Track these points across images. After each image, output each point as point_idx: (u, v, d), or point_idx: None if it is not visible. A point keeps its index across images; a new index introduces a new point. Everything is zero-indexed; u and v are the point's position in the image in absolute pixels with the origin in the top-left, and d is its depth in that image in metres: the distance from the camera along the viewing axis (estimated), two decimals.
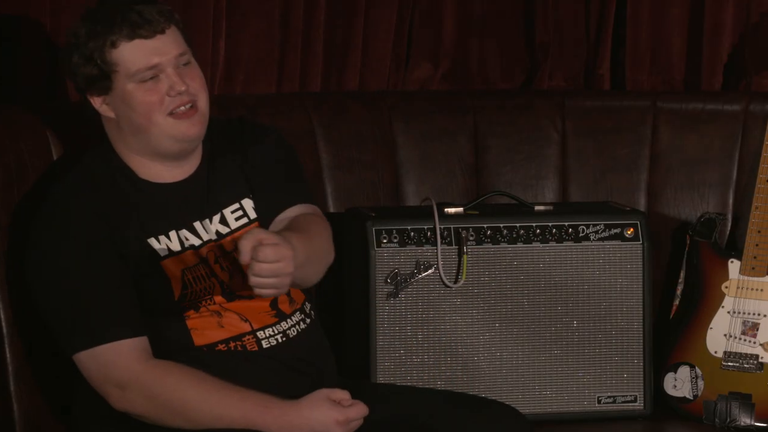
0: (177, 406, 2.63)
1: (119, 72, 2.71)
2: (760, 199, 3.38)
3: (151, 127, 2.73)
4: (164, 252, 2.74)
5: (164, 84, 2.72)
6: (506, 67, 3.93)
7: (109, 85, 2.71)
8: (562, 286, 3.36)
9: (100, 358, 2.64)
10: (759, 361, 3.39)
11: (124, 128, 2.75)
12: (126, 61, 2.70)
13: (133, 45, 2.70)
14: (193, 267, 2.75)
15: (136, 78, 2.71)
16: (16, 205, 2.94)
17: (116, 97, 2.72)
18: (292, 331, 2.81)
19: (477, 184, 3.64)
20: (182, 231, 2.77)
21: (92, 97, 2.74)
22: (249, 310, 2.78)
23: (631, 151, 3.67)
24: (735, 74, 3.80)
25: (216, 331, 2.74)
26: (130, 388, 2.63)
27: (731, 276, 3.41)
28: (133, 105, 2.72)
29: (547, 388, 3.37)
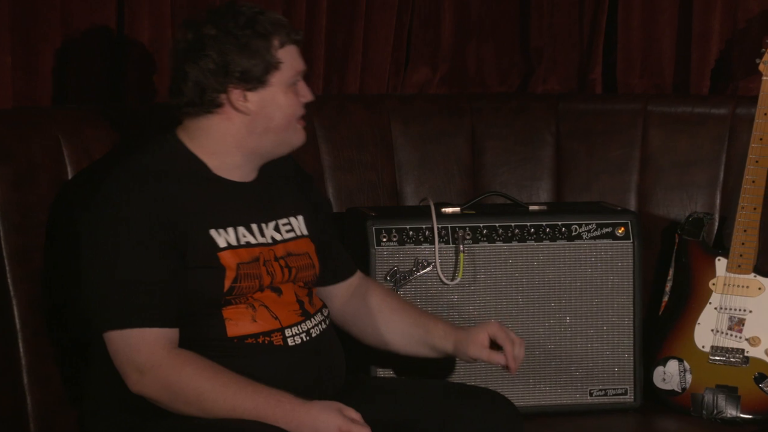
0: (191, 396, 2.64)
1: (280, 71, 2.75)
2: (746, 199, 3.38)
3: (287, 129, 2.81)
4: (223, 244, 2.75)
5: (300, 92, 2.81)
6: (502, 71, 3.93)
7: (264, 81, 2.75)
8: (555, 283, 3.37)
9: (128, 339, 2.65)
10: (744, 355, 3.39)
11: (255, 126, 2.77)
12: (287, 64, 2.77)
13: (293, 49, 2.79)
14: (246, 263, 2.76)
15: (290, 80, 2.78)
16: (37, 204, 2.96)
17: (265, 94, 2.76)
18: (315, 330, 2.84)
19: (474, 185, 3.65)
20: (240, 228, 2.78)
21: (236, 90, 2.74)
22: (279, 308, 2.80)
23: (623, 152, 3.67)
24: (722, 79, 3.80)
25: (249, 325, 2.75)
26: (149, 373, 2.64)
27: (718, 273, 3.42)
28: (282, 105, 2.78)
29: (541, 381, 3.37)
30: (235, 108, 2.76)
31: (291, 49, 2.78)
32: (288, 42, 2.77)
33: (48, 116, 3.12)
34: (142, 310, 2.66)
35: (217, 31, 2.73)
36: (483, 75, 3.92)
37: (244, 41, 2.72)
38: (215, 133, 2.78)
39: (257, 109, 2.76)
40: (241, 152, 2.80)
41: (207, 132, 2.79)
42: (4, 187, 2.91)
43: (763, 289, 3.39)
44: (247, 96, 2.75)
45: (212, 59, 2.72)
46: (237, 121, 2.77)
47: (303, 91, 2.82)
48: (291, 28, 2.79)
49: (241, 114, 2.76)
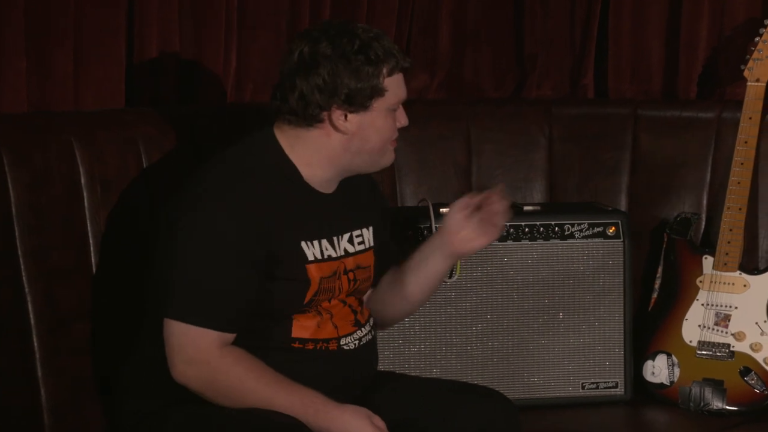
0: (235, 394, 2.66)
1: (384, 98, 2.75)
2: (732, 200, 3.39)
3: (381, 151, 2.80)
4: (311, 257, 2.76)
5: (399, 117, 2.81)
6: (498, 77, 3.93)
7: (367, 105, 2.74)
8: (549, 281, 3.37)
9: (186, 332, 2.65)
10: (730, 349, 3.40)
11: (351, 145, 2.77)
12: (392, 91, 2.76)
13: (399, 77, 2.78)
14: (327, 278, 2.79)
15: (392, 106, 2.77)
16: (51, 205, 2.96)
17: (366, 118, 2.75)
18: (365, 339, 2.87)
19: (470, 186, 3.65)
20: (324, 241, 2.80)
21: (338, 110, 2.73)
22: (340, 316, 2.82)
23: (613, 155, 3.67)
24: (709, 84, 3.79)
25: (312, 330, 2.78)
26: (196, 367, 2.66)
27: (705, 271, 3.42)
28: (380, 129, 2.77)
29: (535, 375, 3.39)
30: (335, 127, 2.75)
31: (398, 77, 2.77)
32: (396, 70, 2.75)
33: (61, 120, 3.12)
34: (211, 313, 2.66)
35: (333, 51, 2.71)
36: (479, 81, 3.91)
37: (356, 65, 2.70)
38: (312, 145, 2.77)
39: (356, 131, 2.75)
40: (333, 167, 2.79)
41: (305, 142, 2.77)
42: (20, 189, 2.90)
43: (748, 286, 3.39)
44: (348, 117, 2.74)
45: (323, 77, 2.71)
46: (334, 138, 2.76)
47: (401, 116, 2.81)
48: (401, 56, 2.77)
49: (340, 133, 2.75)
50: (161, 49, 3.41)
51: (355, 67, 2.71)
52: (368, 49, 2.72)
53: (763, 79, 3.43)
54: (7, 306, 2.91)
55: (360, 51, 2.72)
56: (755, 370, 3.38)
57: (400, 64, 2.76)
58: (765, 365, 3.38)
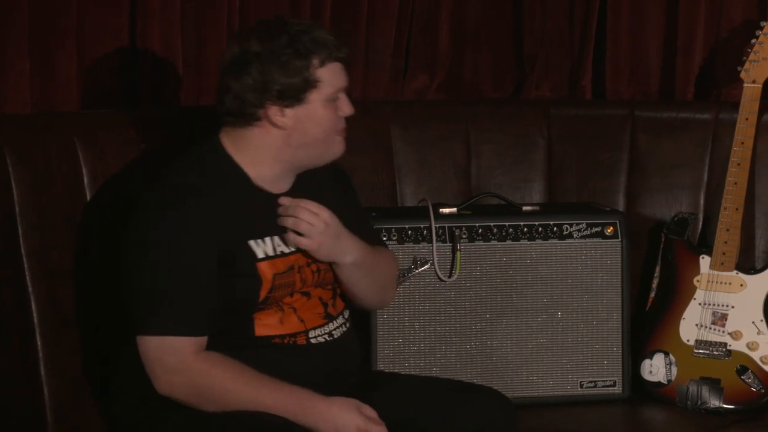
0: (217, 395, 2.65)
1: (318, 89, 2.73)
2: (729, 200, 3.38)
3: (325, 142, 2.78)
4: (261, 254, 2.75)
5: (340, 106, 2.78)
6: (497, 78, 3.93)
7: (302, 98, 2.73)
8: (547, 280, 3.37)
9: (160, 344, 2.66)
10: (727, 348, 3.39)
11: (291, 140, 2.75)
12: (327, 81, 2.73)
13: (334, 66, 2.75)
14: (281, 273, 2.77)
15: (330, 96, 2.75)
16: (53, 205, 2.96)
17: (302, 111, 2.74)
18: (337, 332, 2.84)
19: (469, 186, 3.65)
20: (276, 238, 2.78)
21: (273, 106, 2.72)
22: (305, 309, 2.80)
23: (611, 156, 3.67)
24: (706, 85, 3.79)
25: (276, 327, 2.76)
26: (177, 375, 2.65)
27: (702, 270, 3.42)
28: (320, 120, 2.75)
29: (534, 373, 3.38)
30: (273, 123, 2.74)
31: (333, 66, 2.74)
32: (329, 60, 2.73)
33: (64, 121, 3.12)
34: (176, 319, 2.66)
35: (261, 48, 2.70)
36: (478, 82, 3.92)
37: (285, 60, 2.69)
38: (255, 144, 2.76)
39: (294, 125, 2.74)
40: (280, 164, 2.78)
41: (248, 142, 2.77)
42: (23, 189, 2.91)
43: (744, 286, 3.39)
44: (284, 112, 2.73)
45: (252, 76, 2.70)
46: (275, 134, 2.75)
47: (343, 105, 2.79)
48: (335, 45, 2.74)
49: (279, 129, 2.75)
50: (163, 50, 3.41)
51: (283, 62, 2.70)
52: (297, 43, 2.71)
53: (760, 81, 3.43)
54: (10, 306, 2.92)
55: (288, 45, 2.70)
56: (752, 369, 3.38)
57: (333, 54, 2.74)
58: (761, 364, 3.38)
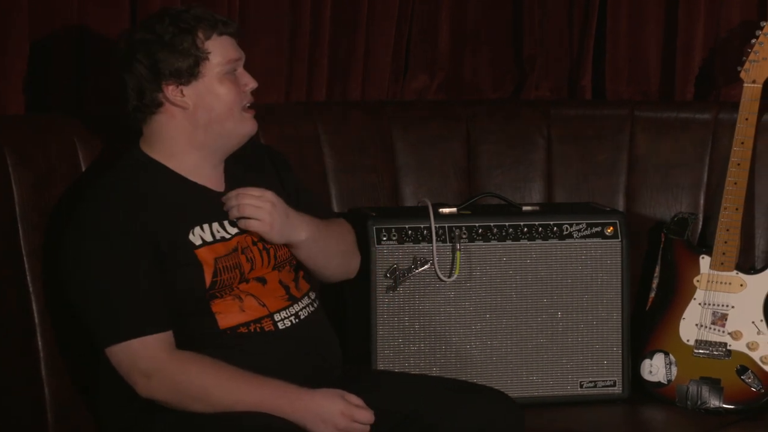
0: (198, 393, 2.64)
1: (210, 61, 2.74)
2: (729, 200, 3.38)
3: (229, 118, 2.77)
4: (198, 242, 2.74)
5: (241, 80, 2.78)
6: (496, 79, 3.92)
7: (196, 73, 2.74)
8: (547, 280, 3.36)
9: (128, 350, 2.66)
10: (727, 348, 3.39)
11: (197, 119, 2.76)
12: (217, 53, 2.74)
13: (222, 39, 2.76)
14: (223, 257, 2.75)
15: (224, 69, 2.75)
16: (54, 206, 2.95)
17: (200, 86, 2.75)
18: (303, 312, 2.83)
19: (469, 186, 3.64)
20: (214, 224, 2.77)
21: (169, 87, 2.74)
22: (265, 294, 2.79)
23: (611, 156, 3.67)
24: (706, 86, 3.79)
25: (238, 315, 2.75)
26: (155, 377, 2.64)
27: (702, 270, 3.41)
28: (219, 94, 2.75)
29: (534, 373, 3.38)
30: (174, 104, 2.75)
31: (221, 40, 2.76)
32: (214, 33, 2.75)
33: (64, 121, 3.11)
34: (135, 321, 2.65)
35: (144, 34, 2.74)
36: (478, 82, 3.92)
37: (168, 38, 2.72)
38: (166, 133, 2.77)
39: (195, 102, 2.75)
40: (195, 149, 2.78)
41: (159, 134, 2.78)
42: (23, 189, 2.91)
43: (744, 286, 3.39)
44: (183, 91, 2.74)
45: (143, 63, 2.73)
46: (179, 116, 2.76)
47: (243, 78, 2.79)
48: (218, 20, 2.76)
49: (182, 109, 2.75)
50: None
51: (168, 41, 2.71)
52: (178, 21, 2.73)
53: (760, 81, 3.43)
54: (11, 305, 2.91)
55: (170, 23, 2.73)
56: (752, 369, 3.38)
57: (218, 28, 2.75)
58: (761, 364, 3.38)
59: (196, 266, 2.72)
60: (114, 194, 2.73)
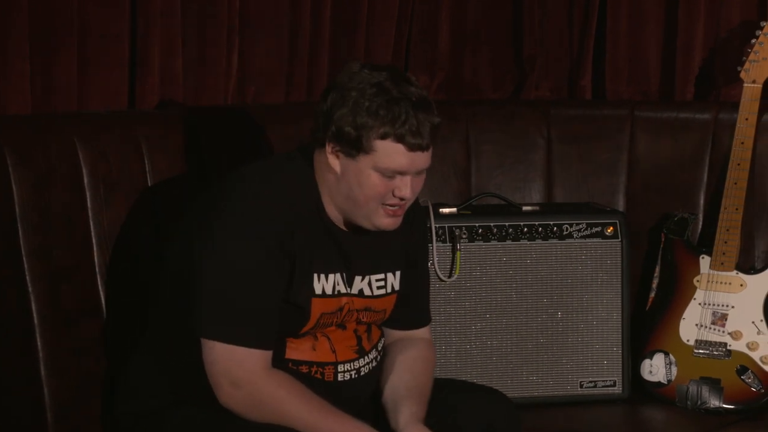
0: (278, 416, 2.59)
1: (369, 156, 2.60)
2: (729, 200, 3.39)
3: (363, 207, 2.65)
4: (319, 291, 2.68)
5: (395, 184, 2.63)
6: (497, 79, 3.94)
7: (354, 154, 2.61)
8: (547, 280, 3.37)
9: (233, 354, 2.59)
10: (727, 348, 3.39)
11: (340, 186, 2.65)
12: (382, 154, 2.60)
13: (396, 146, 2.59)
14: (329, 313, 2.70)
15: (380, 170, 2.61)
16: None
17: (352, 165, 2.62)
18: (365, 369, 2.78)
19: (469, 186, 3.65)
20: (337, 275, 2.70)
21: (330, 145, 2.63)
22: (338, 340, 2.74)
23: (611, 156, 3.67)
24: (706, 86, 3.80)
25: (308, 353, 2.70)
26: (244, 389, 2.59)
27: (702, 270, 3.42)
28: (361, 184, 2.62)
29: (534, 373, 3.38)
30: (329, 160, 2.65)
31: (396, 146, 2.58)
32: (392, 138, 2.58)
33: (64, 121, 3.11)
34: (252, 331, 2.60)
35: (354, 87, 2.60)
36: (478, 82, 3.93)
37: (357, 109, 2.58)
38: (322, 172, 2.67)
39: (341, 173, 2.63)
40: (334, 203, 2.69)
41: (320, 165, 2.68)
42: (23, 189, 2.89)
43: (744, 286, 3.39)
44: (338, 155, 2.63)
45: (327, 103, 2.62)
46: (332, 171, 2.66)
47: (399, 185, 2.63)
48: (410, 130, 2.57)
49: (332, 168, 2.66)
50: (164, 50, 3.40)
51: (355, 115, 2.58)
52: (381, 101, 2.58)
53: (760, 81, 3.44)
54: (11, 305, 2.91)
55: (373, 98, 2.58)
56: (752, 369, 3.38)
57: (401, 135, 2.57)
58: (761, 364, 3.37)
59: (304, 313, 2.67)
60: (283, 205, 2.63)
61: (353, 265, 2.73)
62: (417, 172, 2.65)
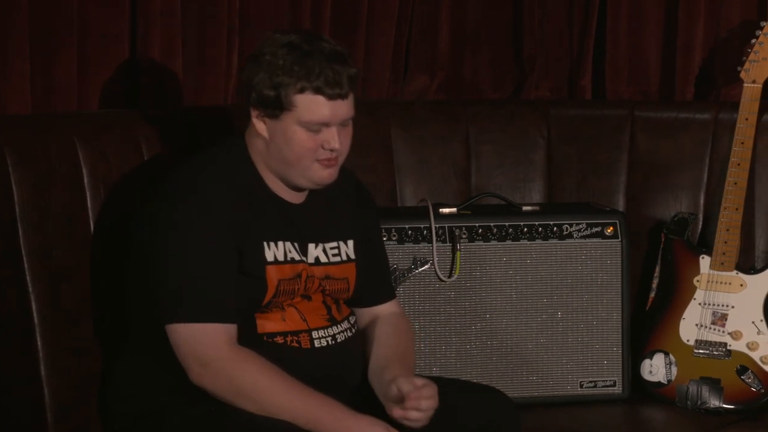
0: (249, 391, 2.62)
1: (293, 112, 2.67)
2: (729, 200, 3.39)
3: (297, 166, 2.71)
4: (271, 258, 2.72)
5: (323, 137, 2.70)
6: (496, 79, 3.94)
7: (277, 114, 2.68)
8: (547, 280, 3.37)
9: (194, 333, 2.63)
10: (727, 348, 3.39)
11: (271, 151, 2.72)
12: (304, 108, 2.67)
13: (316, 98, 2.67)
14: (287, 279, 2.73)
15: (305, 125, 2.68)
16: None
17: (278, 126, 2.69)
18: (341, 336, 2.81)
19: (469, 186, 3.65)
20: (287, 243, 2.74)
21: (254, 111, 2.71)
22: (308, 310, 2.78)
23: (611, 156, 3.67)
24: (705, 86, 3.80)
25: (278, 324, 2.73)
26: (211, 366, 2.62)
27: (702, 270, 3.42)
28: (290, 143, 2.69)
29: (534, 373, 3.38)
30: (256, 127, 2.73)
31: (315, 98, 2.67)
32: (310, 90, 2.66)
33: (64, 121, 3.11)
34: (209, 306, 2.63)
35: (266, 52, 2.67)
36: (478, 82, 3.93)
37: (274, 75, 2.66)
38: (254, 142, 2.75)
39: (270, 137, 2.71)
40: (271, 171, 2.76)
41: (251, 137, 2.75)
42: (24, 189, 2.90)
43: (744, 286, 3.39)
44: (264, 120, 2.71)
45: (246, 74, 2.70)
46: (260, 140, 2.74)
47: (327, 137, 2.70)
48: (326, 81, 2.65)
49: (261, 135, 2.73)
50: (164, 50, 3.40)
51: (273, 77, 2.65)
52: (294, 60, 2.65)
53: (759, 81, 3.44)
54: (11, 305, 2.91)
55: (285, 57, 2.66)
56: (752, 369, 3.38)
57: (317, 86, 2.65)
58: (761, 364, 3.37)
59: (262, 282, 2.70)
60: (221, 184, 2.69)
61: (303, 233, 2.78)
62: (342, 124, 2.71)
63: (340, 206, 2.86)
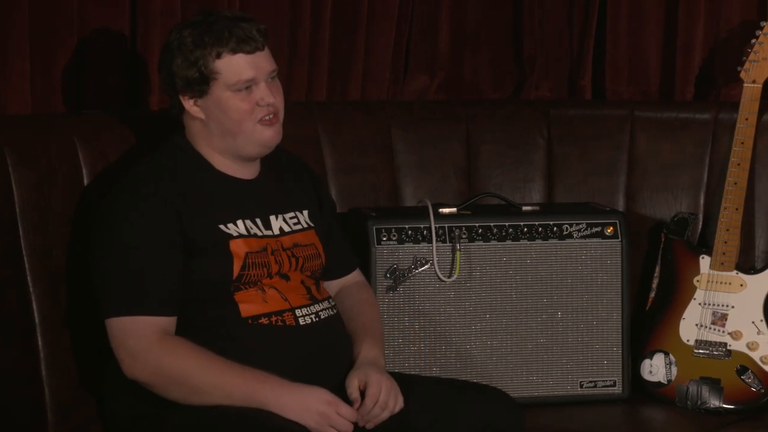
0: (179, 375, 2.64)
1: (218, 80, 2.74)
2: (729, 200, 3.39)
3: (240, 132, 2.77)
4: (234, 234, 2.76)
5: (256, 95, 2.76)
6: (497, 79, 3.93)
7: (205, 89, 2.74)
8: (547, 280, 3.36)
9: (124, 326, 2.67)
10: (727, 348, 3.39)
11: (212, 129, 2.78)
12: (227, 71, 2.74)
13: (236, 58, 2.74)
14: (254, 252, 2.76)
15: (234, 87, 2.74)
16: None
17: (210, 101, 2.76)
18: (324, 313, 2.83)
19: (469, 186, 3.65)
20: (247, 221, 2.79)
21: (185, 97, 2.77)
22: (287, 290, 2.80)
23: (611, 156, 3.67)
24: (706, 86, 3.79)
25: (260, 305, 2.75)
26: (140, 357, 2.65)
27: (702, 270, 3.41)
28: (226, 111, 2.75)
29: (534, 373, 3.37)
30: (191, 113, 2.78)
31: (234, 58, 2.74)
32: (226, 52, 2.73)
33: (65, 121, 3.12)
34: (138, 299, 2.66)
35: (173, 39, 2.76)
36: (478, 82, 3.92)
37: (188, 54, 2.73)
38: (194, 133, 2.81)
39: (207, 114, 2.78)
40: (222, 153, 2.81)
41: (191, 130, 2.82)
42: (24, 189, 2.91)
43: (744, 286, 3.39)
44: (196, 102, 2.77)
45: (164, 69, 2.78)
46: (198, 124, 2.80)
47: (259, 94, 2.77)
48: (238, 38, 2.73)
49: (200, 119, 2.79)
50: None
51: (188, 56, 2.73)
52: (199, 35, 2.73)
53: (760, 81, 3.43)
54: (11, 305, 2.92)
55: (190, 36, 2.73)
56: (752, 369, 3.38)
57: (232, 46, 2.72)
58: (761, 364, 3.37)
59: (227, 257, 2.73)
60: (152, 179, 2.75)
61: (262, 207, 2.83)
62: (270, 77, 2.78)
63: (289, 179, 2.92)
